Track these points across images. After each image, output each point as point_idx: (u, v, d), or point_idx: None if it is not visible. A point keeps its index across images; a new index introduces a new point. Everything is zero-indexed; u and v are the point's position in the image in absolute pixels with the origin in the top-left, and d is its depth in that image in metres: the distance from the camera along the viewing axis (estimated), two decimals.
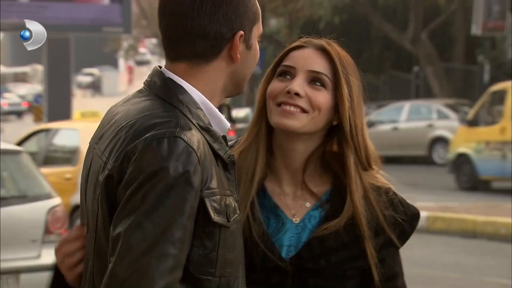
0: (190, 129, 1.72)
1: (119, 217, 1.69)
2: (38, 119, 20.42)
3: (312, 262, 1.95)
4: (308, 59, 2.01)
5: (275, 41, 28.65)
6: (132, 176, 1.70)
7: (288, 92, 1.98)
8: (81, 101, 38.24)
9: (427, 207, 11.95)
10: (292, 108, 1.97)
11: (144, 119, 1.74)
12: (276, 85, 2.01)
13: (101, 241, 1.75)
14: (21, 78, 55.24)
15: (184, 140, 1.70)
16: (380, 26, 24.11)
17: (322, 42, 2.04)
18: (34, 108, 21.86)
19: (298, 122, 1.97)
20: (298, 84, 1.98)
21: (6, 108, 42.42)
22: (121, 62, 62.01)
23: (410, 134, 19.65)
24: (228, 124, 1.84)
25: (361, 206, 1.96)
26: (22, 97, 45.47)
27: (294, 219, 2.00)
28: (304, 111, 1.97)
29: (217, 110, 1.82)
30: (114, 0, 18.49)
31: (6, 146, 7.47)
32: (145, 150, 1.70)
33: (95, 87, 57.97)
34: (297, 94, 1.97)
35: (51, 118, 17.31)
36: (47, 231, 6.94)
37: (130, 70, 60.68)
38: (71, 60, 18.11)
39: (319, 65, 2.00)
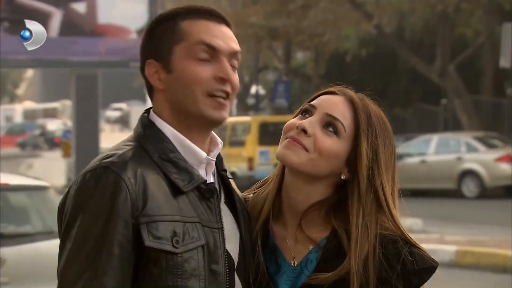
0: (128, 160, 1.77)
1: (59, 251, 1.78)
2: (66, 154, 20.56)
3: None
4: (331, 104, 1.97)
5: (301, 74, 28.71)
6: (67, 210, 1.78)
7: (298, 127, 1.95)
8: (109, 136, 38.45)
9: (456, 241, 11.81)
10: (296, 143, 1.93)
11: (105, 152, 1.84)
12: (292, 120, 1.99)
13: None
14: (51, 114, 55.76)
15: (112, 170, 1.75)
16: (407, 59, 24.06)
17: (353, 94, 1.99)
18: (63, 144, 22.02)
19: (296, 157, 1.92)
20: (310, 122, 1.94)
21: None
22: None
23: (438, 167, 19.51)
24: (203, 154, 1.85)
25: (358, 270, 1.88)
26: (52, 132, 45.85)
27: (292, 262, 1.95)
28: (306, 149, 1.93)
29: (189, 142, 1.84)
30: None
31: (33, 182, 7.50)
32: (77, 184, 1.78)
33: (123, 121, 58.36)
34: (304, 130, 1.93)
35: (79, 154, 17.42)
36: None
37: None
38: (99, 96, 18.24)
39: (340, 112, 1.95)
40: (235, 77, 1.85)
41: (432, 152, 20.03)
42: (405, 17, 25.77)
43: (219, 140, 1.91)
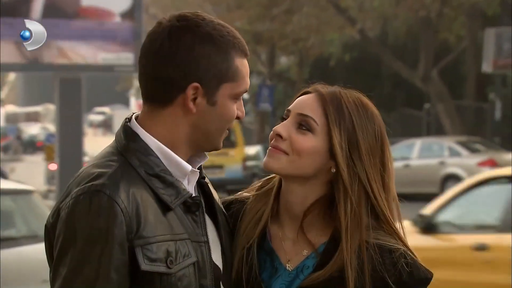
0: (119, 180, 1.76)
1: (52, 276, 1.75)
2: (50, 158, 20.48)
3: None
4: (302, 103, 1.98)
5: (285, 79, 28.75)
6: (59, 234, 1.75)
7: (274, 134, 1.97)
8: (92, 140, 38.35)
9: None
10: (276, 150, 1.95)
11: (88, 168, 1.80)
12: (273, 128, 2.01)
13: None
14: (33, 118, 55.51)
15: (105, 193, 1.74)
16: (391, 64, 24.16)
17: (323, 88, 1.99)
18: (46, 148, 21.94)
19: (277, 163, 1.94)
20: (283, 126, 1.96)
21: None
22: (132, 101, 62.35)
23: (422, 171, 19.58)
24: (189, 167, 1.85)
25: (352, 261, 1.87)
26: (33, 136, 45.64)
27: (288, 266, 1.95)
28: (285, 153, 1.94)
29: (174, 155, 1.83)
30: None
31: (18, 186, 7.48)
32: (70, 208, 1.75)
33: (106, 125, 58.20)
34: (279, 135, 1.95)
35: (63, 158, 17.35)
36: None
37: (141, 109, 60.82)
38: (82, 100, 18.17)
39: (310, 109, 1.95)
40: None
41: (416, 156, 20.11)
42: (388, 22, 25.89)
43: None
